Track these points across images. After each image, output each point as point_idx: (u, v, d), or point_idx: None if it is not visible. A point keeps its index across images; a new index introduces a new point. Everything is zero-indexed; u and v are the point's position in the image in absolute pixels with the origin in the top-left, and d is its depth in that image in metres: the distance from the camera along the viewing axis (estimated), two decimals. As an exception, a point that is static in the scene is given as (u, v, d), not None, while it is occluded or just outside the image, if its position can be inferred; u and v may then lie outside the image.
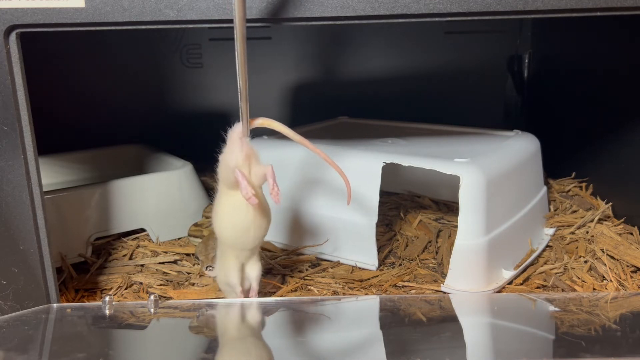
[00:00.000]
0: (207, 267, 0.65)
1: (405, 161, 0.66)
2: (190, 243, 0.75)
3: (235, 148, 0.52)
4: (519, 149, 0.74)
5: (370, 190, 0.66)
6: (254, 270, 0.56)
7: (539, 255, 0.69)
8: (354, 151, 0.69)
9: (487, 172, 0.63)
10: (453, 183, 0.63)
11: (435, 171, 0.63)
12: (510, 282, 0.64)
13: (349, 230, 0.68)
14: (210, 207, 0.77)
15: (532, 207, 0.72)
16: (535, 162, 0.75)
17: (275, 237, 0.73)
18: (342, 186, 0.68)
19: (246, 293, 0.57)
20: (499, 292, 0.62)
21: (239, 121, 0.53)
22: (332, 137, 0.78)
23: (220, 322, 0.55)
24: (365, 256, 0.67)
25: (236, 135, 0.53)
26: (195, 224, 0.76)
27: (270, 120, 0.54)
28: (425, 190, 0.89)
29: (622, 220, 0.76)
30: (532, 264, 0.67)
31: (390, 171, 0.69)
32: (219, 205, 0.55)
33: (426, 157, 0.66)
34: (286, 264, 0.69)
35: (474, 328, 0.53)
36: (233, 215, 0.54)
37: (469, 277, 0.62)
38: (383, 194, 0.73)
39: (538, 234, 0.74)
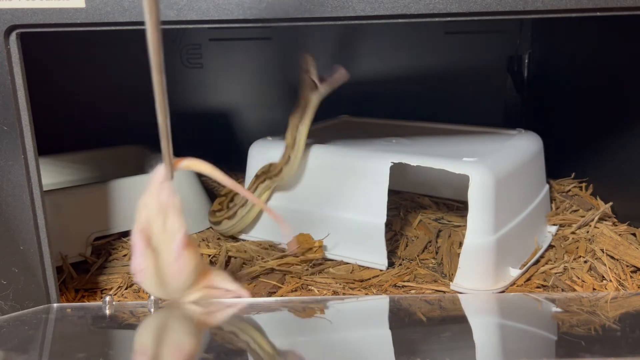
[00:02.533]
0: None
1: (413, 161, 0.65)
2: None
3: (152, 195, 0.46)
4: (524, 147, 0.74)
5: (378, 191, 0.66)
6: (222, 282, 0.53)
7: (542, 254, 0.70)
8: (362, 152, 0.69)
9: (495, 171, 0.63)
10: (454, 182, 0.63)
11: (437, 170, 0.63)
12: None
13: (357, 230, 0.68)
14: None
15: (536, 205, 0.72)
16: (538, 160, 0.76)
17: (281, 238, 0.73)
18: (350, 188, 0.68)
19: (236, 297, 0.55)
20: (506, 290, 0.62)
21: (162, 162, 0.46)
22: (335, 136, 0.78)
23: (220, 322, 0.55)
24: (375, 256, 0.67)
25: (157, 179, 0.46)
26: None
27: (199, 161, 0.49)
28: (425, 189, 0.89)
29: (626, 223, 0.75)
30: (538, 261, 0.67)
31: (390, 171, 0.69)
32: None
33: (434, 156, 0.65)
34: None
35: (475, 328, 0.53)
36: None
37: (478, 276, 0.62)
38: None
39: (542, 232, 0.74)
